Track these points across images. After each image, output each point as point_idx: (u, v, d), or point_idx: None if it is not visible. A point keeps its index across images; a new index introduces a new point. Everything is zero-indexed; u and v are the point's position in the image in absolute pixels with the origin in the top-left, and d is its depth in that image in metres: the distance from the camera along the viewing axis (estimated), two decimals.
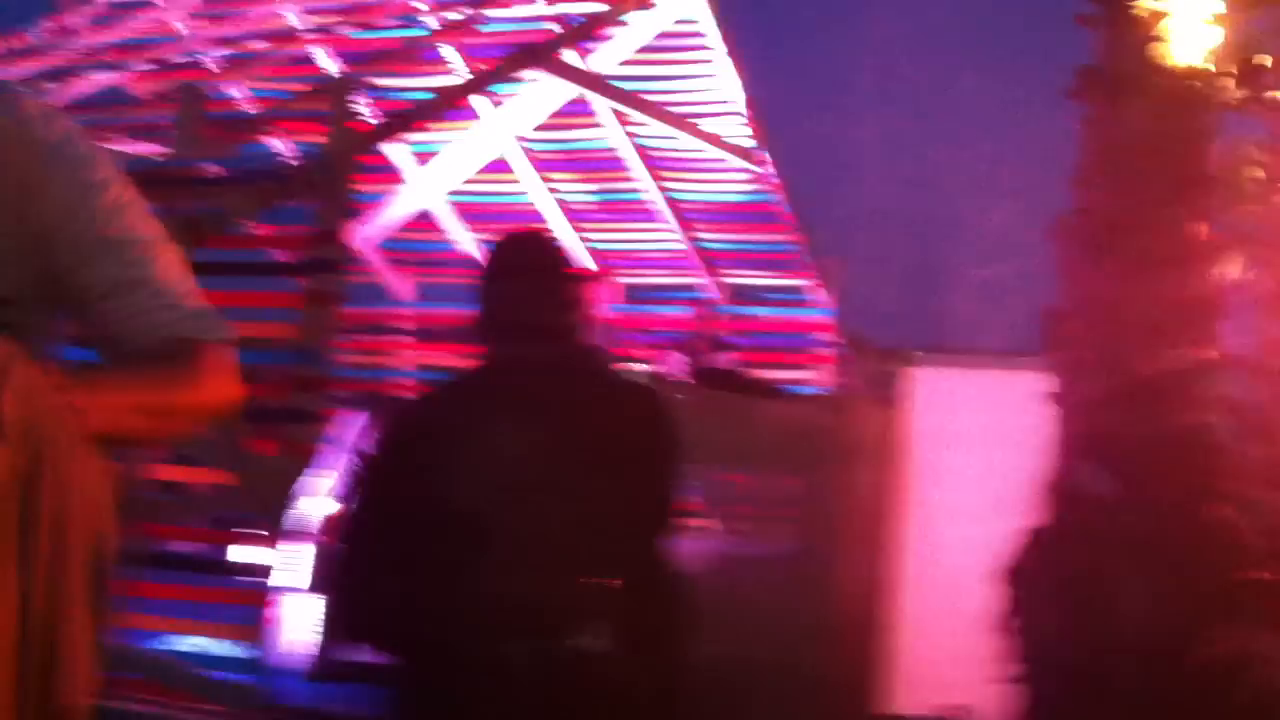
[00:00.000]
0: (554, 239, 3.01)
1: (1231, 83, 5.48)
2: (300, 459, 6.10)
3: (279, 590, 6.06)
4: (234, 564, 6.55)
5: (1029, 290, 6.05)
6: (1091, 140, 5.43)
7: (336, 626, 2.63)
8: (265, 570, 6.06)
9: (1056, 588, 5.49)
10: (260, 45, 8.81)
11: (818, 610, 7.20)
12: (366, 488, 2.63)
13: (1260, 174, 8.22)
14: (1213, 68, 5.32)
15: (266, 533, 6.16)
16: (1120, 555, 5.33)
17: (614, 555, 2.56)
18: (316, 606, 7.08)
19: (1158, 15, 5.19)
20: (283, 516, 6.05)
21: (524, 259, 2.79)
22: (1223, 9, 5.33)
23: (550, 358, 2.62)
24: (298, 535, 6.23)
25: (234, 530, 6.78)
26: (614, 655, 2.45)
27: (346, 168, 6.36)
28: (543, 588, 2.45)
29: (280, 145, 8.83)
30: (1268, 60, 5.48)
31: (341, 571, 2.63)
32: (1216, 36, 5.32)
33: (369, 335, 10.96)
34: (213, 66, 8.80)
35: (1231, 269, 9.11)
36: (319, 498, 7.17)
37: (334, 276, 6.22)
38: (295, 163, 7.51)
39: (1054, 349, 5.80)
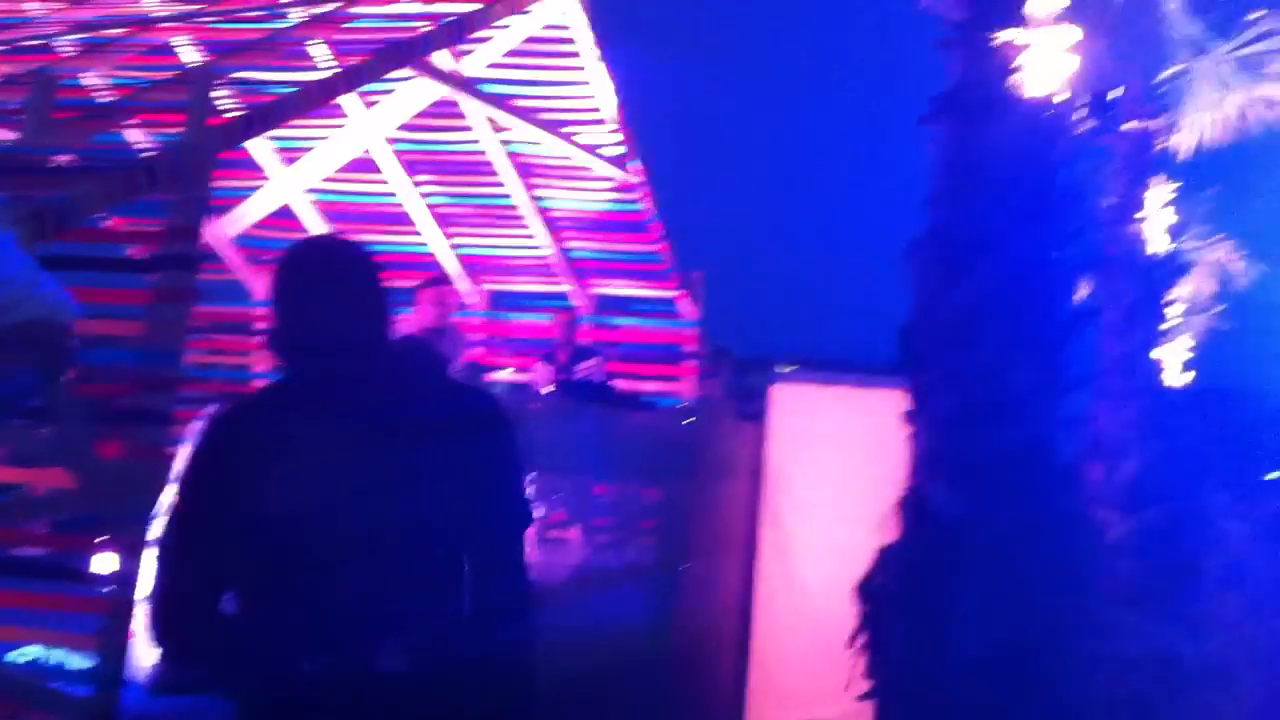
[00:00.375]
0: (353, 244, 2.85)
1: (1084, 112, 5.64)
2: (148, 462, 5.90)
3: (123, 598, 5.85)
4: (77, 570, 6.30)
5: (894, 304, 6.19)
6: (946, 162, 5.54)
7: (149, 641, 2.52)
8: (109, 577, 5.84)
9: (904, 604, 5.59)
10: (118, 31, 8.51)
11: (677, 623, 7.22)
12: (180, 500, 2.54)
13: (1113, 200, 8.53)
14: (1067, 97, 5.47)
15: (112, 538, 5.94)
16: (963, 573, 5.44)
17: (443, 565, 2.51)
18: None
19: (1016, 46, 5.32)
20: (128, 521, 5.84)
21: (322, 268, 2.66)
22: (1079, 39, 5.48)
23: (362, 367, 2.56)
24: (144, 540, 6.04)
25: (77, 535, 6.53)
26: (419, 676, 2.39)
27: (205, 162, 6.16)
28: (349, 605, 2.39)
29: (137, 136, 8.56)
30: (1120, 92, 5.66)
31: (154, 586, 2.54)
32: (1071, 66, 5.48)
33: (224, 334, 10.70)
34: (68, 51, 8.48)
35: (1081, 291, 9.44)
36: (166, 502, 6.96)
37: (187, 274, 6.01)
38: (151, 155, 7.26)
39: (908, 367, 5.90)
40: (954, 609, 5.42)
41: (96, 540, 6.15)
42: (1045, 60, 5.30)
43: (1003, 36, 5.26)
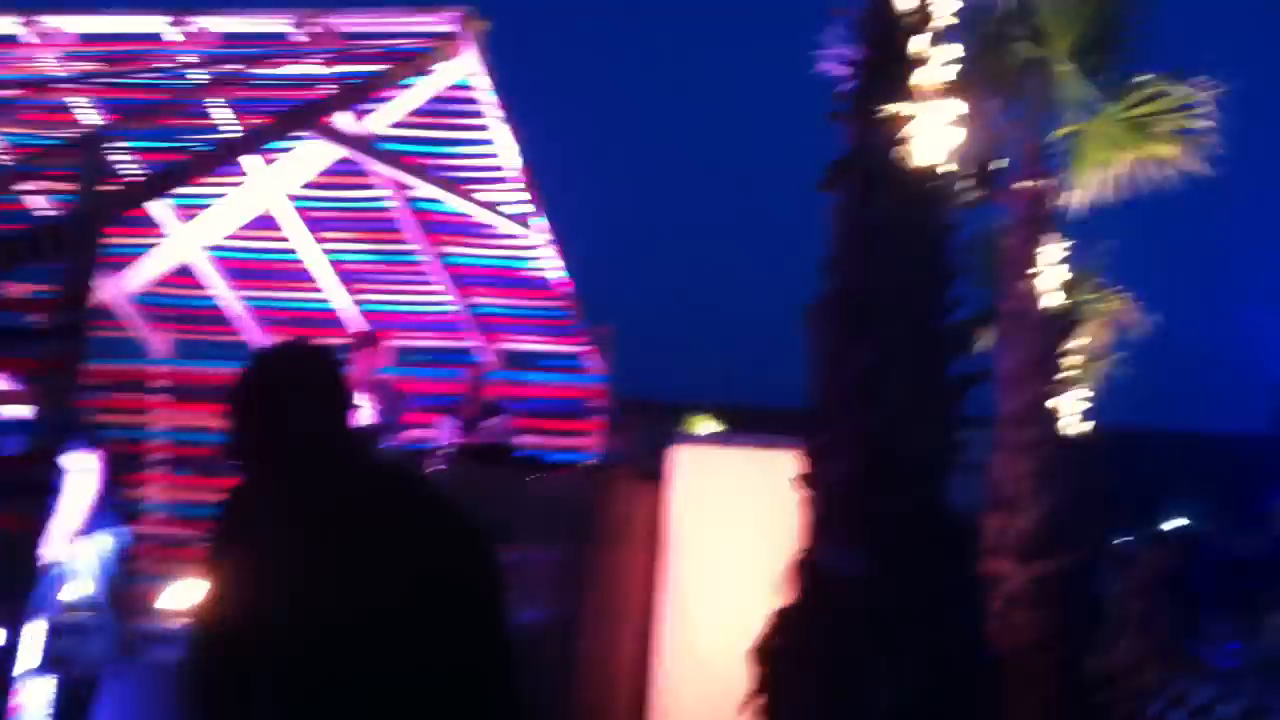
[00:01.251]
0: (323, 349, 2.78)
1: (971, 182, 5.76)
2: (34, 533, 5.77)
3: (13, 673, 5.71)
4: None
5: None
6: (841, 228, 5.62)
7: None
8: None
9: (804, 667, 5.60)
10: (15, 92, 8.38)
11: (575, 683, 7.18)
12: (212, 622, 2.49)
13: (1008, 256, 8.70)
14: (954, 168, 5.58)
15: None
16: (867, 634, 5.47)
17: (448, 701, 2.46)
18: (48, 689, 6.70)
19: (905, 117, 5.43)
20: (16, 594, 5.70)
21: (308, 374, 2.63)
22: (964, 112, 5.60)
23: (351, 482, 2.53)
24: (34, 614, 5.90)
25: None
26: None
27: (96, 229, 6.07)
28: None
29: (36, 199, 8.41)
30: (1004, 164, 5.78)
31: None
32: (957, 138, 5.59)
33: (121, 392, 10.51)
34: None
35: (979, 347, 9.59)
36: (54, 574, 6.81)
37: (77, 343, 5.91)
38: (43, 221, 7.14)
39: (806, 430, 5.93)
40: (849, 672, 5.44)
41: None
42: (931, 131, 5.41)
43: (889, 109, 5.36)
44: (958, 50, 5.71)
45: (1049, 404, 8.75)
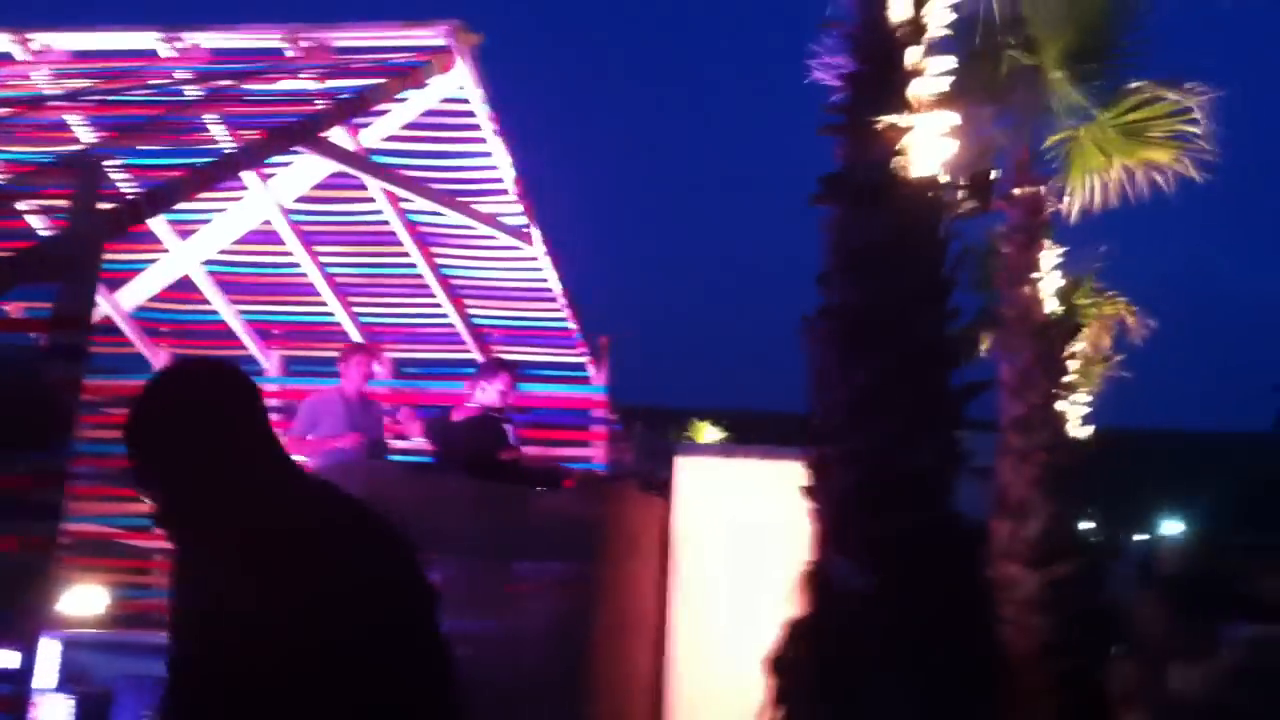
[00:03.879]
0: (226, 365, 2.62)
1: (966, 193, 5.74)
2: (40, 555, 5.77)
3: (20, 695, 5.71)
4: None
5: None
6: (834, 243, 5.60)
7: None
8: (9, 673, 5.71)
9: (818, 679, 5.58)
10: (8, 110, 8.37)
11: (587, 694, 7.17)
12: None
13: (1006, 263, 8.69)
14: (948, 178, 5.57)
15: (9, 632, 5.80)
16: (876, 646, 5.46)
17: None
18: (64, 706, 6.71)
19: (899, 129, 5.41)
20: (26, 615, 5.71)
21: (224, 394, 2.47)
22: (957, 123, 5.59)
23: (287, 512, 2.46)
24: (43, 633, 5.91)
25: None
26: None
27: (95, 247, 6.07)
28: None
29: (30, 219, 8.39)
30: (997, 173, 5.77)
31: None
32: (951, 149, 5.58)
33: (122, 409, 10.50)
34: None
35: (980, 353, 9.58)
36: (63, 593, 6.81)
37: (75, 364, 5.90)
38: (41, 239, 7.14)
39: (809, 442, 5.91)
40: (861, 685, 5.43)
41: None
42: (927, 143, 5.40)
43: (884, 120, 5.34)
44: (950, 61, 5.69)
45: (1052, 408, 8.75)
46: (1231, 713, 5.30)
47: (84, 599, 8.41)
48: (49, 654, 6.89)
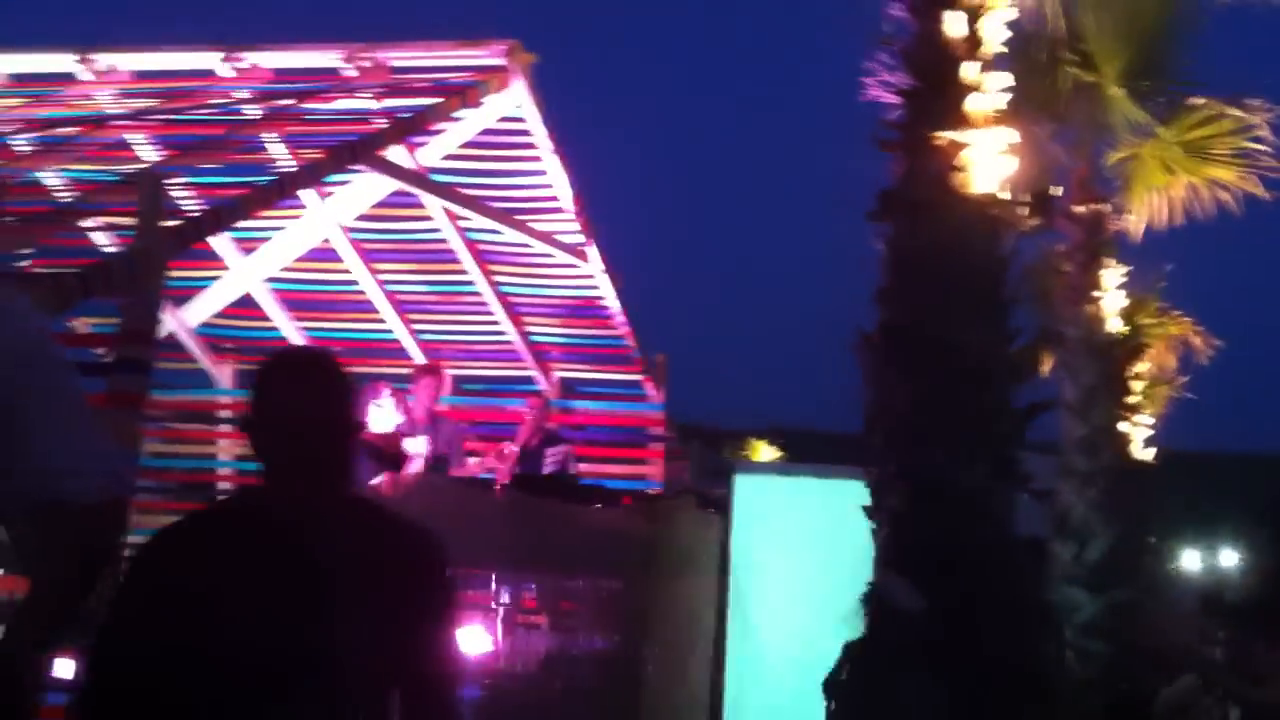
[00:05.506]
0: (335, 364, 2.62)
1: (1025, 210, 5.68)
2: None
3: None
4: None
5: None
6: (890, 260, 5.56)
7: None
8: (67, 684, 5.75)
9: (870, 702, 5.53)
10: (73, 130, 8.51)
11: (641, 715, 7.15)
12: (111, 642, 2.46)
13: (1068, 282, 8.60)
14: (1008, 196, 5.51)
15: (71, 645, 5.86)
16: (927, 669, 5.40)
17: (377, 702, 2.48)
18: None
19: (957, 145, 5.36)
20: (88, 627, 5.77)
21: (307, 388, 2.49)
22: (1015, 140, 5.54)
23: (321, 501, 2.50)
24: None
25: None
26: None
27: (156, 265, 6.15)
28: None
29: (96, 236, 8.52)
30: (1058, 191, 5.70)
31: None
32: (1009, 165, 5.52)
33: (186, 423, 10.63)
34: (24, 149, 8.47)
35: (1042, 374, 9.47)
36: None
37: (140, 378, 5.98)
38: (103, 259, 7.24)
39: (866, 461, 5.87)
40: (912, 707, 5.37)
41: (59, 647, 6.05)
42: (985, 159, 5.34)
43: (943, 136, 5.30)
44: (1007, 78, 5.64)
45: (1116, 429, 8.64)
46: None
47: None
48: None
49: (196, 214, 7.02)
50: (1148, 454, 10.48)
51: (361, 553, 2.49)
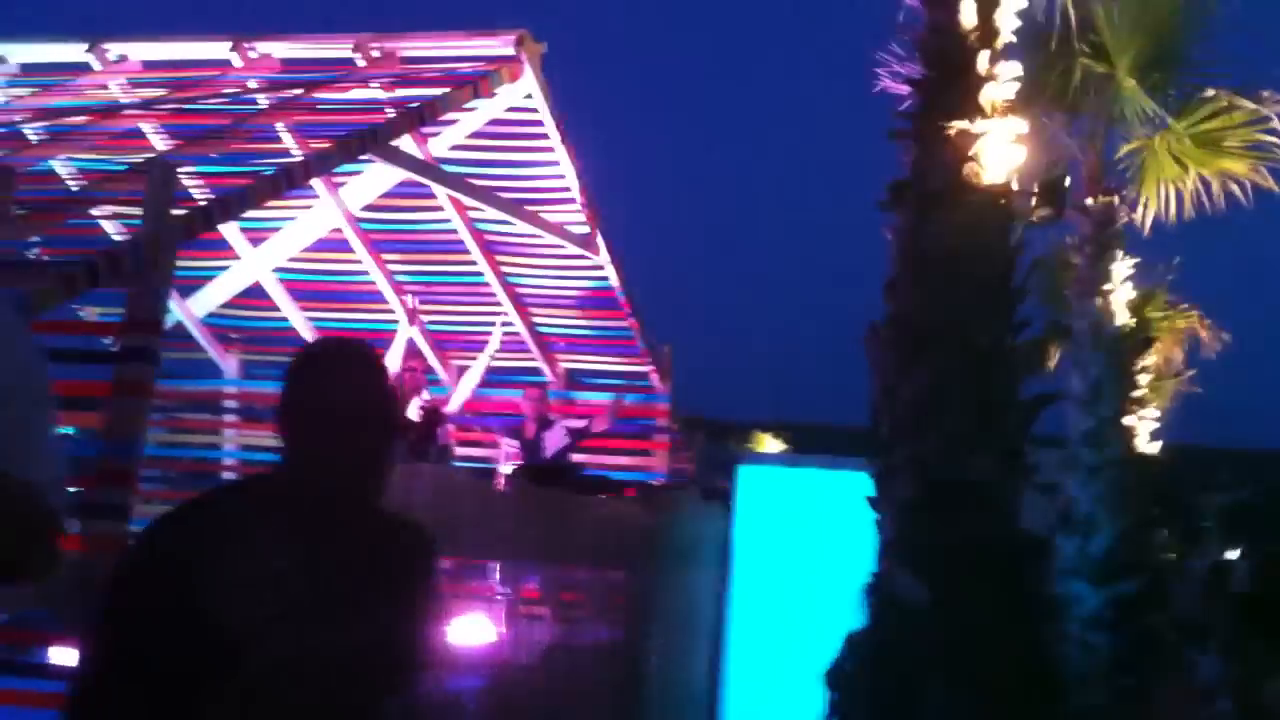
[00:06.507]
0: (375, 358, 2.57)
1: (1035, 200, 5.67)
2: (106, 555, 5.84)
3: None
4: (38, 665, 6.22)
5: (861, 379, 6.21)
6: (901, 250, 5.55)
7: None
8: (67, 671, 5.76)
9: (874, 693, 5.52)
10: (84, 119, 8.53)
11: (643, 706, 7.16)
12: (111, 628, 2.46)
13: (1077, 274, 8.56)
14: (1018, 186, 5.50)
15: (72, 632, 5.87)
16: (929, 661, 5.39)
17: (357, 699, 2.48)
18: None
19: (969, 136, 5.34)
20: (88, 615, 5.78)
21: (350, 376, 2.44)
22: (1026, 130, 5.52)
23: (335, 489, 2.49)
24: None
25: (37, 630, 6.45)
26: None
27: (164, 254, 6.15)
28: None
29: (104, 224, 8.54)
30: (1068, 181, 5.68)
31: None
32: (1020, 156, 5.50)
33: (193, 413, 10.65)
34: (36, 138, 8.49)
35: (1050, 366, 9.44)
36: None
37: (147, 366, 5.99)
38: (109, 248, 7.25)
39: (871, 452, 5.86)
40: (914, 700, 5.37)
41: (58, 635, 6.08)
42: (997, 149, 5.33)
43: (955, 126, 5.28)
44: (1018, 68, 5.61)
45: (1122, 423, 8.60)
46: None
47: None
48: None
49: (205, 203, 7.03)
50: (1154, 447, 10.46)
51: (363, 546, 2.49)
